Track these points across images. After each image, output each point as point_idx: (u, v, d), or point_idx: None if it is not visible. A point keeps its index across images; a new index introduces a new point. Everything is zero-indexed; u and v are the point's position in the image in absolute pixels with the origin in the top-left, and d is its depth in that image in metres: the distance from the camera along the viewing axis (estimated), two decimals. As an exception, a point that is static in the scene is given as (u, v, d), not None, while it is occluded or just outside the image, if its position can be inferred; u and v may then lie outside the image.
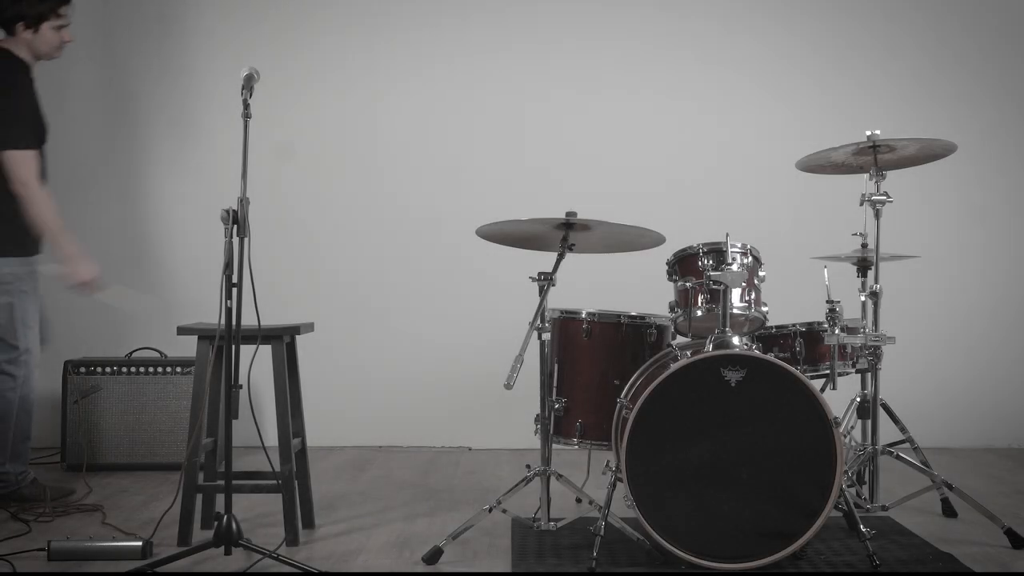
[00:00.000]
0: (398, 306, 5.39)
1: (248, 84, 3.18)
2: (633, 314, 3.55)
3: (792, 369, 3.09)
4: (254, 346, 3.24)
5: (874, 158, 3.73)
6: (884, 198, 3.69)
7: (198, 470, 3.47)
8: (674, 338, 3.62)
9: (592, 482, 3.80)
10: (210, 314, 3.51)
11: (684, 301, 3.42)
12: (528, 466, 3.39)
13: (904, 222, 4.41)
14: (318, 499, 3.86)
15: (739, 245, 3.38)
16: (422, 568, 3.21)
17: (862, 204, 3.73)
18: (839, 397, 3.48)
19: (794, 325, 3.60)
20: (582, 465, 3.88)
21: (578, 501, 3.88)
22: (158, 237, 5.08)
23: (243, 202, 3.07)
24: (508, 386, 3.05)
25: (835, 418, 3.08)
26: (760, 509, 3.07)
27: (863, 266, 3.81)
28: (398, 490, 4.34)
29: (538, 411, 3.42)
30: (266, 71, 3.35)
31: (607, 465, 3.52)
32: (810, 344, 3.58)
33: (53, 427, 4.80)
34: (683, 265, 3.48)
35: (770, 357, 3.13)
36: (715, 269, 3.30)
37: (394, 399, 5.34)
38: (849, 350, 3.63)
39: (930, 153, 3.80)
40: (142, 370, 4.70)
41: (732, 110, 5.38)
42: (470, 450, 5.30)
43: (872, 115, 4.52)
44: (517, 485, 3.39)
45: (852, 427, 3.89)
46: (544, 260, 3.41)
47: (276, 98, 5.25)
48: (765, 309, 3.42)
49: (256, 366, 3.20)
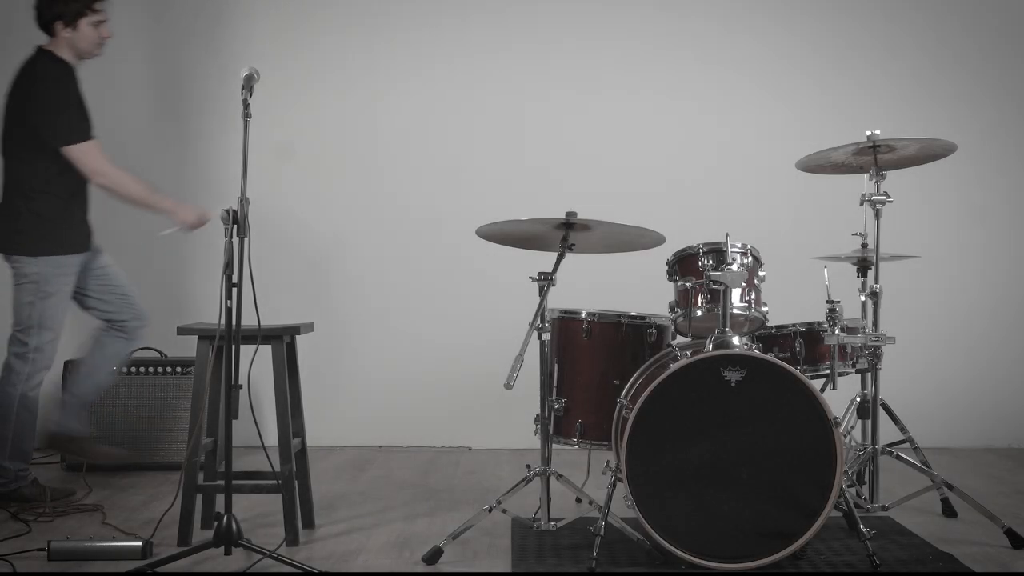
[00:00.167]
0: (398, 306, 5.39)
1: (248, 84, 3.17)
2: (633, 314, 3.55)
3: (792, 369, 3.08)
4: (254, 346, 3.24)
5: (874, 158, 3.73)
6: (884, 198, 3.69)
7: (198, 470, 3.47)
8: (674, 338, 3.62)
9: (592, 482, 3.80)
10: (210, 314, 3.52)
11: (684, 301, 3.42)
12: (528, 466, 3.39)
13: (904, 222, 4.41)
14: (318, 499, 3.85)
15: (739, 245, 3.37)
16: (422, 568, 3.21)
17: (862, 204, 3.72)
18: (839, 397, 3.48)
19: (794, 325, 3.59)
20: (582, 465, 3.88)
21: (578, 501, 3.88)
22: (157, 236, 5.06)
23: (243, 202, 3.06)
24: (508, 386, 3.05)
25: (835, 418, 3.08)
26: (760, 509, 3.07)
27: (863, 266, 3.81)
28: (398, 490, 4.34)
29: (538, 411, 3.42)
30: (266, 71, 3.35)
31: (607, 465, 3.52)
32: (810, 344, 3.57)
33: (53, 427, 4.80)
34: (683, 265, 3.47)
35: (770, 357, 3.13)
36: (715, 269, 3.30)
37: (394, 399, 5.34)
38: (849, 350, 3.63)
39: (930, 153, 3.80)
40: (142, 370, 4.69)
41: (732, 110, 5.38)
42: (470, 450, 5.30)
43: (872, 115, 4.52)
44: (517, 485, 3.39)
45: (852, 427, 3.88)
46: (544, 260, 3.40)
47: (276, 98, 5.25)
48: (765, 309, 3.41)
49: (256, 366, 3.20)
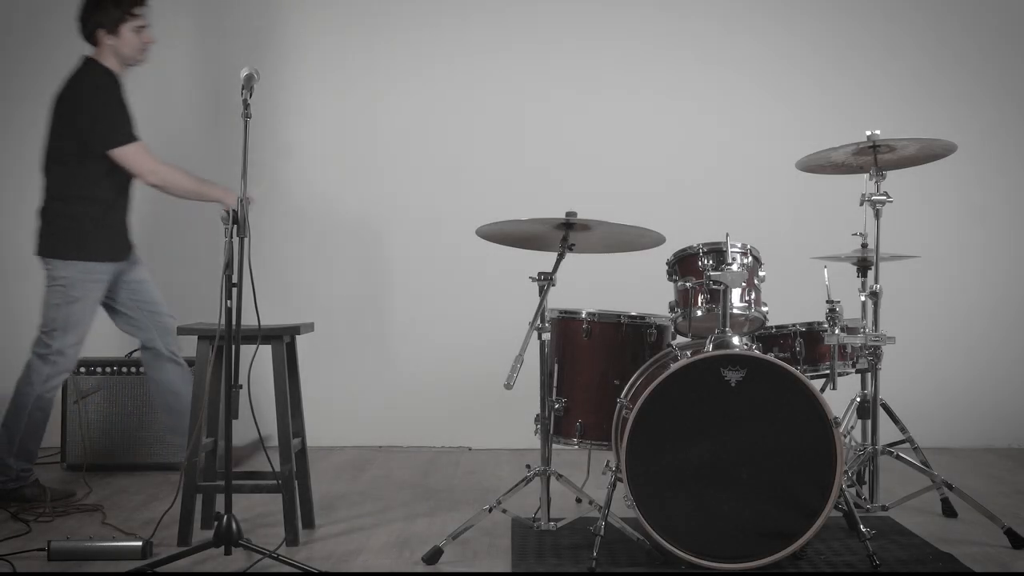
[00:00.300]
0: (398, 306, 5.39)
1: (248, 84, 3.17)
2: (633, 314, 3.54)
3: (792, 369, 3.08)
4: (254, 346, 3.24)
5: (874, 158, 3.73)
6: (884, 198, 3.69)
7: (198, 470, 3.47)
8: (674, 338, 3.62)
9: (592, 482, 3.79)
10: (210, 314, 3.52)
11: (684, 301, 3.42)
12: (528, 466, 3.39)
13: (904, 222, 4.41)
14: (318, 499, 3.85)
15: (739, 245, 3.37)
16: (422, 568, 3.21)
17: (862, 204, 3.72)
18: (839, 397, 3.48)
19: (794, 325, 3.59)
20: (582, 465, 3.88)
21: (578, 501, 3.88)
22: (158, 236, 5.07)
23: (243, 202, 3.06)
24: (508, 386, 3.05)
25: (835, 418, 3.08)
26: (760, 509, 3.07)
27: (863, 266, 3.81)
28: (398, 490, 4.34)
29: (538, 411, 3.42)
30: (266, 71, 3.35)
31: (607, 465, 3.52)
32: (810, 344, 3.57)
33: (53, 427, 4.76)
34: (683, 265, 3.47)
35: (770, 357, 3.13)
36: (715, 269, 3.29)
37: (394, 399, 5.34)
38: (849, 350, 3.63)
39: (930, 153, 3.80)
40: (142, 370, 4.68)
41: (732, 110, 5.38)
42: (470, 450, 5.30)
43: (872, 115, 4.52)
44: (517, 485, 3.39)
45: (852, 427, 3.88)
46: (544, 260, 3.40)
47: (276, 98, 5.27)
48: (765, 309, 3.41)
49: (256, 366, 3.21)
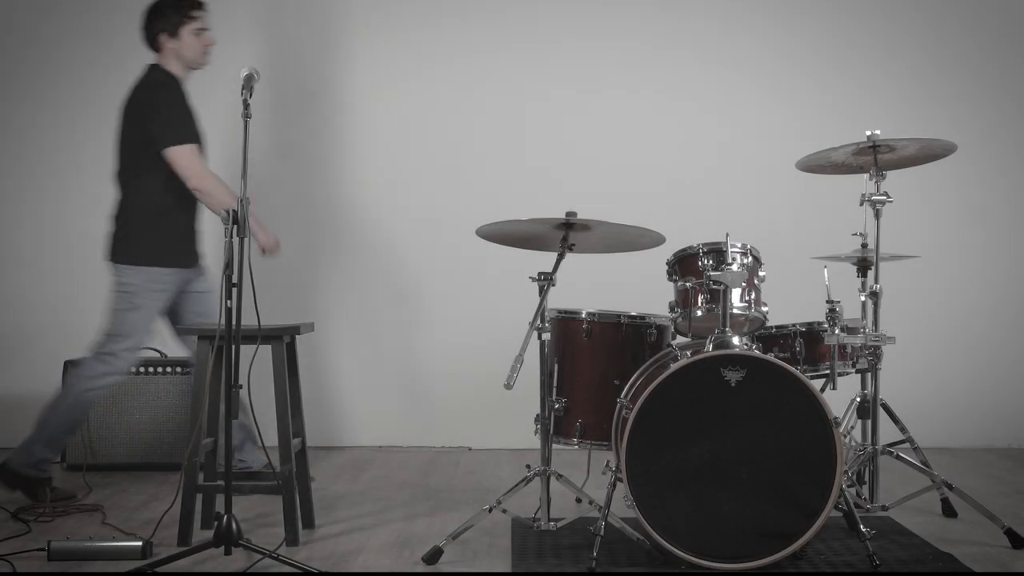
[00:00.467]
0: (398, 306, 5.39)
1: (248, 84, 3.17)
2: (633, 314, 3.54)
3: (792, 369, 3.08)
4: (254, 346, 3.24)
5: (874, 158, 3.73)
6: (884, 198, 3.69)
7: (198, 470, 3.47)
8: (674, 338, 3.62)
9: (592, 482, 3.80)
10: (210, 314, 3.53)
11: (684, 301, 3.42)
12: (528, 466, 3.39)
13: (904, 222, 4.41)
14: (318, 499, 3.86)
15: (739, 245, 3.37)
16: (422, 568, 3.21)
17: (862, 204, 3.72)
18: (839, 397, 3.47)
19: (794, 325, 3.59)
20: (582, 465, 3.88)
21: (578, 501, 3.88)
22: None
23: (243, 202, 3.06)
24: (508, 386, 3.05)
25: (835, 418, 3.08)
26: (760, 509, 3.07)
27: (863, 266, 3.81)
28: (398, 490, 4.34)
29: (538, 411, 3.42)
30: (266, 71, 3.35)
31: (607, 465, 3.52)
32: (810, 344, 3.57)
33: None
34: (683, 265, 3.47)
35: (770, 357, 3.13)
36: (715, 269, 3.29)
37: (394, 399, 5.34)
38: (849, 350, 3.63)
39: (930, 153, 3.80)
40: (142, 370, 4.69)
41: (732, 110, 5.38)
42: (470, 450, 5.30)
43: (872, 115, 4.53)
44: (517, 485, 3.39)
45: (852, 427, 3.88)
46: (544, 260, 3.40)
47: (277, 98, 5.27)
48: (765, 309, 3.41)
49: (256, 366, 3.20)
